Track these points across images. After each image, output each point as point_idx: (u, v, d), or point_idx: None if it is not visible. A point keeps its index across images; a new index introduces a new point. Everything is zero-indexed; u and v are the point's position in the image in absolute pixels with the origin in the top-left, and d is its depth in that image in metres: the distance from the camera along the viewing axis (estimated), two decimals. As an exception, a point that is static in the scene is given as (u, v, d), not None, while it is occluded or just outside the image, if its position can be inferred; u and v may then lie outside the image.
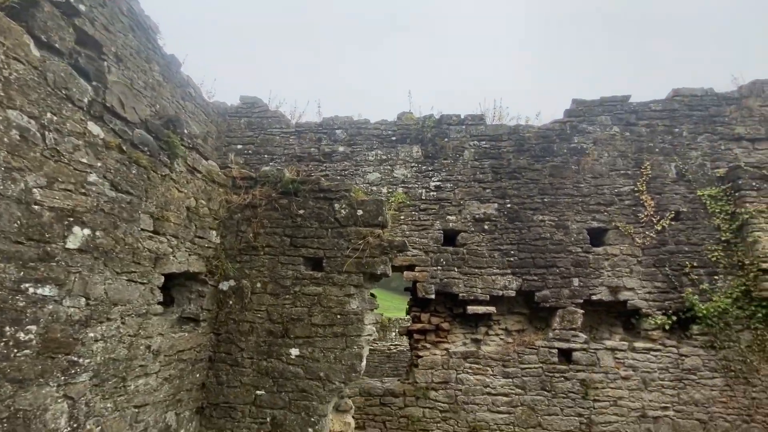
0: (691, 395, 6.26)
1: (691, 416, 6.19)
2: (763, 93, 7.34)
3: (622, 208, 7.10)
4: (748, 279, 6.48)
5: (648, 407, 6.29)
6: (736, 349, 6.31)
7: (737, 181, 6.74)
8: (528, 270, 6.95)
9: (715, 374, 6.30)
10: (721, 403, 6.19)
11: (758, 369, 6.21)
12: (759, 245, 6.36)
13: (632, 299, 6.70)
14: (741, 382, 6.22)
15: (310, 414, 3.21)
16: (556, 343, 6.65)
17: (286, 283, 3.57)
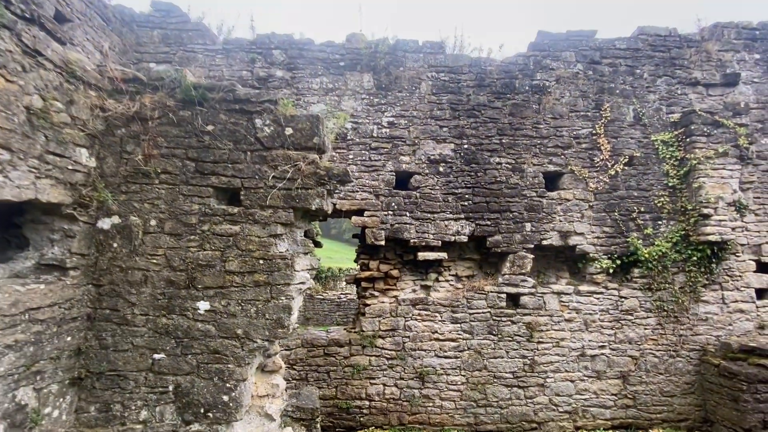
0: (626, 334, 6.51)
1: (625, 353, 6.48)
2: (722, 37, 7.15)
3: (579, 152, 6.84)
4: (688, 224, 6.62)
5: (587, 347, 6.48)
6: (670, 291, 6.57)
7: (689, 127, 6.66)
8: (482, 215, 6.60)
9: (650, 314, 6.56)
10: (652, 341, 6.52)
11: (687, 309, 6.54)
12: (703, 191, 6.44)
13: (581, 244, 6.65)
14: (671, 321, 6.54)
15: (224, 379, 2.60)
16: (505, 288, 6.53)
17: (191, 220, 2.76)
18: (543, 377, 6.39)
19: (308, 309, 19.30)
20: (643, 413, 6.37)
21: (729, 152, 6.52)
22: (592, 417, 6.34)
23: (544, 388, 6.37)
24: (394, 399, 6.25)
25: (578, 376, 6.42)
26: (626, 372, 6.44)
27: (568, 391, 6.38)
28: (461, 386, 6.32)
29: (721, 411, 6.01)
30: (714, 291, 6.59)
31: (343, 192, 6.45)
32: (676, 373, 6.46)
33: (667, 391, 6.42)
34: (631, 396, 6.40)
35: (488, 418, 6.27)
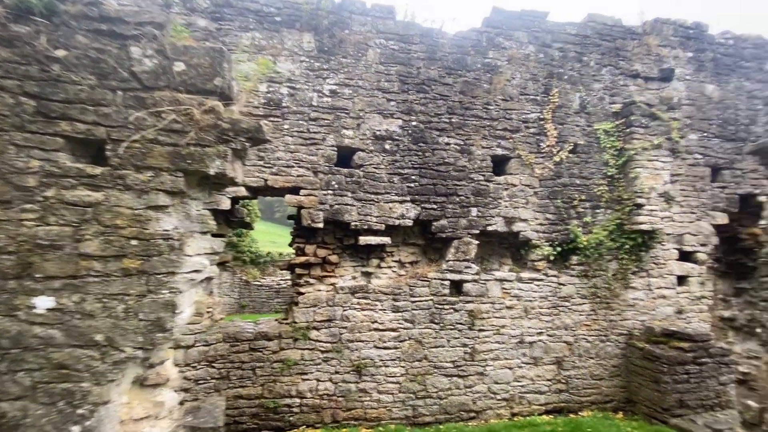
0: (562, 320, 6.59)
1: (561, 339, 6.56)
2: (661, 32, 7.34)
3: (527, 137, 6.69)
4: (623, 213, 6.80)
5: (526, 333, 6.45)
6: (604, 278, 6.73)
7: (629, 118, 6.78)
8: (428, 198, 6.21)
9: (584, 300, 6.69)
10: (586, 326, 6.66)
11: (618, 295, 6.76)
12: (638, 181, 6.61)
13: (525, 231, 6.55)
14: (603, 306, 6.73)
15: (74, 403, 1.85)
16: (448, 275, 6.25)
17: (28, 182, 1.92)
18: (483, 365, 6.26)
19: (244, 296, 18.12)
20: (574, 397, 6.52)
21: (663, 145, 6.75)
22: (528, 403, 6.36)
23: (484, 376, 6.25)
24: (328, 395, 5.74)
25: (516, 363, 6.39)
26: (561, 357, 6.53)
27: (506, 378, 6.33)
28: (400, 378, 5.98)
29: (644, 392, 6.32)
30: (642, 278, 6.87)
31: (276, 166, 5.68)
32: (605, 357, 6.68)
33: (597, 374, 6.63)
34: (564, 381, 6.52)
35: (427, 409, 6.02)
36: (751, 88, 7.47)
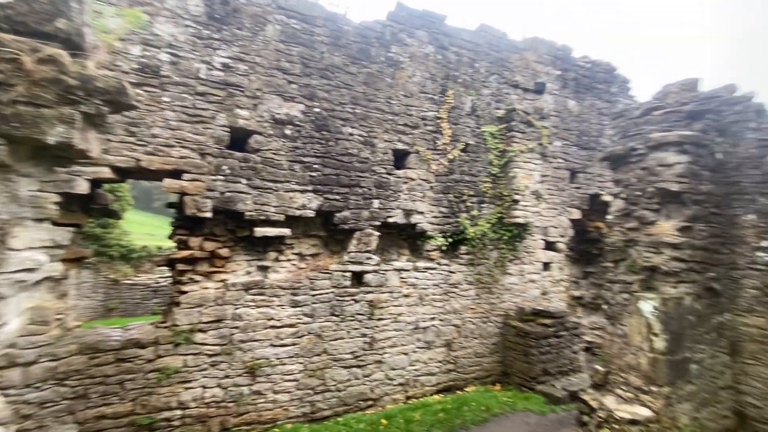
0: (452, 305, 7.12)
1: (450, 323, 7.09)
2: (537, 50, 8.38)
3: (425, 133, 7.00)
4: (503, 208, 7.62)
5: (420, 319, 6.80)
6: (487, 265, 7.47)
7: (510, 123, 7.59)
8: (331, 188, 6.05)
9: (471, 286, 7.33)
10: (471, 310, 7.31)
11: (498, 280, 7.58)
12: (516, 180, 7.47)
13: (422, 223, 6.87)
14: (486, 291, 7.47)
15: None
16: (350, 266, 6.22)
17: None
18: (381, 354, 6.41)
19: (112, 297, 15.47)
20: (461, 375, 7.13)
21: (535, 149, 7.74)
22: (421, 385, 6.74)
23: (382, 364, 6.40)
24: (216, 402, 5.21)
25: (412, 349, 6.70)
26: (451, 340, 7.06)
27: (402, 364, 6.59)
28: (298, 375, 5.76)
29: (516, 364, 7.22)
30: (516, 265, 7.82)
31: (152, 145, 4.88)
32: (486, 336, 7.45)
33: (480, 352, 7.36)
34: (453, 361, 7.07)
35: (325, 403, 5.92)
36: (601, 106, 9.05)
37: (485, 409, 6.11)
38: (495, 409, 6.14)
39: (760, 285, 4.27)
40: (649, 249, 4.37)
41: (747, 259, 4.40)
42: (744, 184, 4.44)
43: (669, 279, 4.18)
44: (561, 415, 6.11)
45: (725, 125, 4.57)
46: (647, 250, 4.39)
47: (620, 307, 4.50)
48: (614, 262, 4.84)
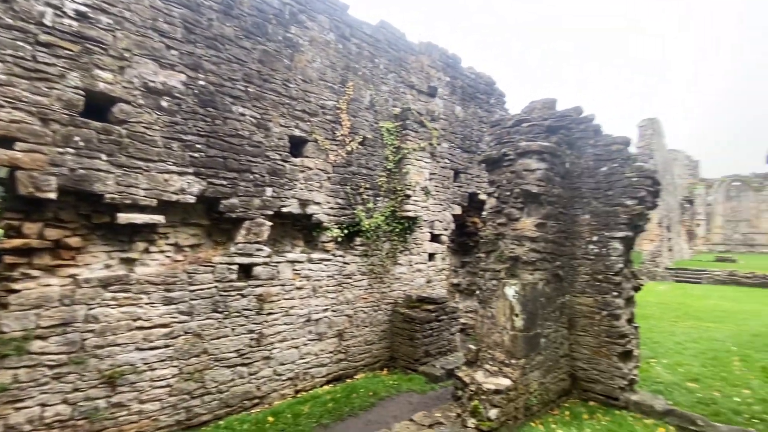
0: (345, 296, 7.20)
1: (343, 313, 7.16)
2: (431, 55, 8.93)
3: (324, 122, 6.87)
4: (396, 202, 7.98)
5: (313, 311, 6.71)
6: (379, 256, 7.75)
7: (405, 121, 7.96)
8: (217, 172, 5.50)
9: (364, 276, 7.51)
10: (363, 299, 7.51)
11: (389, 270, 7.93)
12: (408, 176, 7.88)
13: (318, 213, 6.75)
14: (378, 281, 7.75)
15: None
16: (237, 259, 5.77)
17: None
18: (269, 349, 6.13)
19: None
20: (351, 363, 7.28)
21: (426, 148, 8.27)
22: (312, 377, 6.67)
23: (270, 360, 6.13)
24: (61, 421, 4.32)
25: (303, 342, 6.57)
26: (342, 330, 7.14)
27: (292, 358, 6.42)
28: (172, 380, 5.14)
29: (402, 349, 7.68)
30: (406, 256, 8.29)
31: (-36, 101, 3.73)
32: (376, 324, 7.74)
33: (370, 340, 7.61)
34: (344, 350, 7.17)
35: (204, 407, 5.42)
36: (481, 114, 10.10)
37: (372, 394, 6.36)
38: (382, 393, 6.44)
39: (590, 271, 5.34)
40: (514, 242, 5.06)
41: (582, 251, 5.45)
42: (583, 189, 5.47)
43: (528, 267, 4.91)
44: (439, 392, 6.72)
45: (573, 140, 5.55)
46: (512, 243, 5.08)
47: (490, 292, 5.13)
48: (486, 253, 5.48)
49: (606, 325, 5.19)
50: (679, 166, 34.40)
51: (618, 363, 5.14)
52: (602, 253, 5.24)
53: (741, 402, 6.40)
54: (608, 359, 5.18)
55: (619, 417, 4.86)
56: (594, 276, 5.29)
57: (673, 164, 31.50)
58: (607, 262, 5.20)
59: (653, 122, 24.70)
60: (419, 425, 4.34)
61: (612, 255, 5.17)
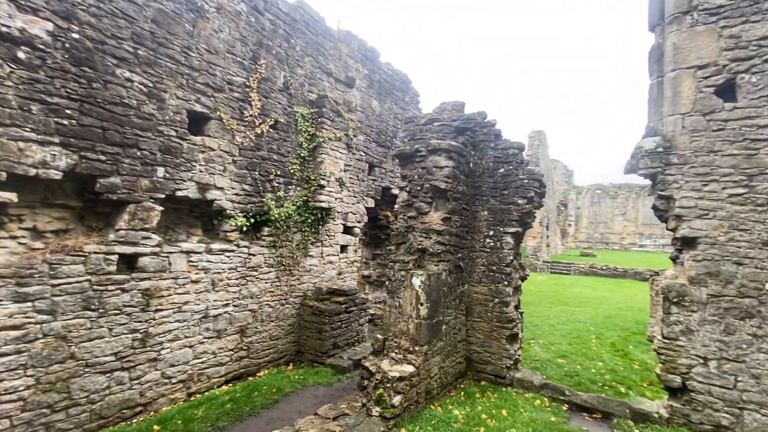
0: (249, 290, 6.74)
1: (246, 308, 6.70)
2: (350, 44, 8.81)
3: (231, 100, 6.30)
4: (309, 191, 7.72)
5: (211, 307, 6.14)
6: (289, 247, 7.43)
7: (322, 109, 7.73)
8: (93, 145, 4.65)
9: (271, 269, 7.13)
10: (270, 293, 7.12)
11: (299, 262, 7.66)
12: (323, 165, 7.68)
13: (220, 199, 6.18)
14: (286, 273, 7.42)
15: None
16: (118, 248, 4.97)
17: None
18: (157, 350, 5.44)
19: None
20: (254, 360, 6.86)
21: (342, 139, 8.15)
22: (208, 378, 6.12)
23: (158, 361, 5.45)
24: None
25: (198, 340, 5.98)
26: (245, 326, 6.69)
27: (185, 358, 5.80)
28: (25, 392, 4.23)
29: (310, 342, 7.51)
30: (317, 247, 8.10)
31: None
32: (283, 318, 7.43)
33: (275, 335, 7.27)
34: (246, 347, 6.73)
35: (70, 422, 4.58)
36: (397, 111, 10.31)
37: (276, 390, 6.09)
38: (286, 389, 6.20)
39: (486, 263, 5.83)
40: (422, 234, 5.27)
41: (480, 244, 5.92)
42: (484, 188, 5.93)
43: (433, 258, 5.16)
44: (346, 383, 6.73)
45: (477, 142, 5.98)
46: (421, 236, 5.28)
47: (398, 283, 5.27)
48: (397, 245, 5.62)
49: (498, 311, 5.76)
50: (558, 173, 39.94)
51: (506, 345, 5.74)
52: (497, 247, 5.78)
53: (596, 373, 7.67)
54: (498, 342, 5.75)
55: (505, 393, 5.44)
56: (489, 267, 5.81)
57: (554, 172, 36.43)
58: (500, 254, 5.75)
59: (540, 134, 28.19)
60: (323, 418, 4.27)
61: (505, 248, 5.74)
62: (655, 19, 4.93)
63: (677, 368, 4.39)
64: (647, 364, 8.47)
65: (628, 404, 4.85)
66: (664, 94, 4.69)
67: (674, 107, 4.56)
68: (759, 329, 4.05)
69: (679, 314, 4.37)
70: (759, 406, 4.04)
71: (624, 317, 13.28)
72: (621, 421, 4.66)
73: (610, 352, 9.32)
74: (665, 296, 4.44)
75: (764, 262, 4.06)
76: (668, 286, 4.44)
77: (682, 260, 4.57)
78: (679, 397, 4.44)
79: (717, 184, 4.30)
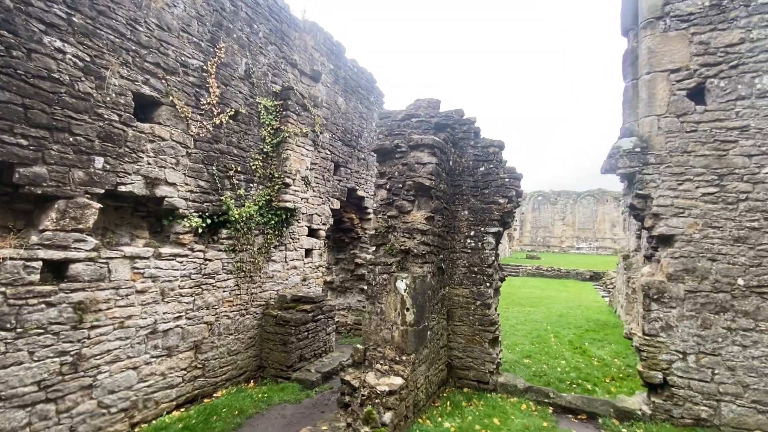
0: (205, 299, 5.97)
1: (201, 320, 5.91)
2: (316, 36, 8.33)
3: (186, 85, 5.56)
4: (273, 190, 7.09)
5: (160, 320, 5.31)
6: (251, 252, 6.73)
7: (287, 101, 7.17)
8: (11, 125, 3.78)
9: (230, 275, 6.39)
10: (228, 303, 6.38)
11: (261, 268, 6.97)
12: (288, 162, 7.10)
13: (171, 197, 5.40)
14: (247, 280, 6.71)
15: None
16: (42, 253, 4.08)
17: None
18: (92, 375, 4.55)
19: None
20: (209, 379, 6.07)
21: (309, 135, 7.62)
22: (155, 404, 5.26)
23: (93, 389, 4.55)
24: None
25: (144, 360, 5.12)
26: (200, 341, 5.90)
27: (128, 382, 4.92)
28: None
29: (273, 355, 6.83)
30: (281, 251, 7.46)
31: None
32: (243, 330, 6.69)
33: (234, 349, 6.52)
34: (201, 365, 5.93)
35: (-28, 475, 3.61)
36: (362, 110, 9.96)
37: (238, 412, 5.40)
38: (250, 409, 5.52)
39: (467, 264, 5.64)
40: (405, 235, 4.95)
41: (461, 245, 5.72)
42: (464, 187, 5.76)
43: (417, 260, 4.85)
44: (315, 399, 6.17)
45: (456, 139, 5.80)
46: (403, 236, 4.96)
47: (380, 287, 4.89)
48: (377, 246, 5.24)
49: (480, 314, 5.58)
50: (505, 180, 41.87)
51: (489, 349, 5.57)
52: (478, 247, 5.62)
53: (561, 372, 7.79)
54: (481, 346, 5.57)
55: (491, 400, 5.24)
56: (470, 268, 5.63)
57: (502, 179, 38.15)
58: (482, 255, 5.60)
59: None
60: (305, 444, 3.73)
61: (486, 248, 5.59)
62: (629, 23, 5.08)
63: (658, 364, 4.46)
64: (604, 360, 8.82)
65: (611, 403, 4.86)
66: (639, 96, 4.82)
67: (650, 109, 4.69)
68: (732, 323, 4.22)
69: (659, 311, 4.46)
70: (734, 397, 4.19)
71: (575, 315, 13.92)
72: (607, 420, 4.65)
73: (570, 350, 9.61)
74: (645, 293, 4.50)
75: (735, 258, 4.25)
76: (648, 284, 4.52)
77: (658, 257, 4.68)
78: (660, 393, 4.51)
79: (691, 183, 4.46)
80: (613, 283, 20.84)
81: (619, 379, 7.63)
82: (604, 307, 16.18)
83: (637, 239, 11.79)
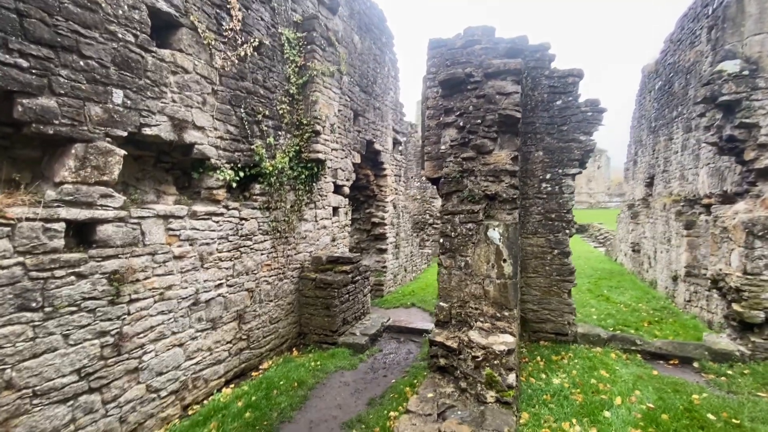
0: (245, 264, 5.22)
1: (242, 287, 5.19)
2: (331, -42, 7.11)
3: (205, 3, 4.48)
4: (302, 139, 6.21)
5: (202, 289, 4.56)
6: (284, 210, 5.94)
7: (311, 33, 6.14)
8: (5, 38, 2.75)
9: (266, 237, 5.63)
10: (266, 266, 5.65)
11: (295, 228, 6.22)
12: (317, 106, 6.19)
13: (201, 143, 4.48)
14: (282, 242, 5.97)
15: None
16: (63, 211, 3.18)
17: None
18: (138, 356, 3.82)
19: None
20: (255, 351, 5.45)
21: (335, 75, 6.66)
22: (204, 382, 4.62)
23: (140, 372, 3.84)
24: None
25: (190, 335, 4.41)
26: (242, 310, 5.21)
27: (176, 361, 4.23)
28: (-74, 460, 2.47)
29: (315, 320, 6.27)
30: (311, 210, 6.69)
31: None
32: (282, 296, 6.03)
33: (275, 317, 5.88)
34: (245, 336, 5.28)
35: (17, 487, 2.90)
36: (376, 52, 8.92)
37: (298, 384, 4.87)
38: (309, 380, 5.00)
39: (543, 211, 5.16)
40: (487, 178, 4.35)
41: (535, 190, 5.21)
42: (537, 125, 5.15)
43: (505, 206, 4.30)
44: (369, 363, 5.74)
45: (528, 69, 5.10)
46: (486, 180, 4.36)
47: (463, 238, 4.33)
48: (447, 195, 4.62)
49: (558, 263, 5.20)
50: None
51: (568, 300, 5.25)
52: (555, 191, 5.13)
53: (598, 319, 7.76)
54: (559, 297, 5.24)
55: (579, 351, 4.99)
56: (546, 215, 5.16)
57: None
58: (560, 199, 5.12)
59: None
60: (424, 417, 3.26)
61: (565, 192, 5.12)
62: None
63: (761, 303, 4.28)
64: (631, 306, 8.91)
65: (705, 346, 4.71)
66: (746, 11, 4.28)
67: (761, 25, 4.18)
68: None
69: (764, 248, 4.20)
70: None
71: (580, 265, 14.10)
72: (704, 363, 4.50)
73: (593, 298, 9.65)
74: (749, 231, 4.22)
75: None
76: (752, 220, 4.23)
77: (757, 192, 4.37)
78: (759, 332, 4.36)
79: (805, 108, 4.07)
80: (603, 234, 21.45)
81: (656, 323, 7.69)
82: (602, 257, 16.59)
83: (646, 187, 11.81)
